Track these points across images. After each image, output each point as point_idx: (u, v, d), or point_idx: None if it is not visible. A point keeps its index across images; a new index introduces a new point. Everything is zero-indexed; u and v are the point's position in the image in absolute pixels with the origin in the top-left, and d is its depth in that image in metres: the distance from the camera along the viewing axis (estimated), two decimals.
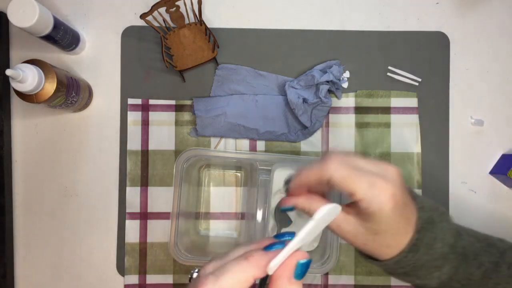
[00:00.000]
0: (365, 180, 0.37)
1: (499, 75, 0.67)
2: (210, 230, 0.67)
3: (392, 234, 0.40)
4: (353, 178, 0.37)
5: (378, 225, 0.39)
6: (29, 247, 0.66)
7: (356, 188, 0.37)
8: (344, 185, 0.38)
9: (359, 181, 0.37)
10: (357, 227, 0.40)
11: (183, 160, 0.59)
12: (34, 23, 0.53)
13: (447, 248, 0.41)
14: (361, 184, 0.37)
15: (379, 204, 0.37)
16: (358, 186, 0.37)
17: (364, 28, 0.67)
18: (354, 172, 0.38)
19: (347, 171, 0.37)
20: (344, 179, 0.37)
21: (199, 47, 0.64)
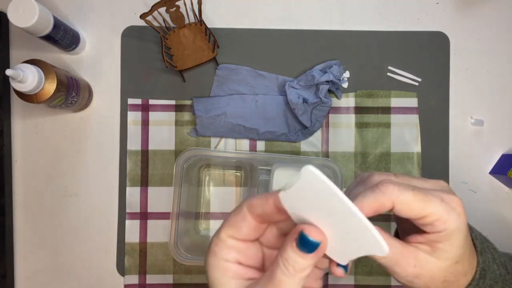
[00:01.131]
0: (434, 198, 0.32)
1: (499, 75, 0.67)
2: (210, 230, 0.67)
3: (468, 256, 0.35)
4: (422, 199, 0.32)
5: (457, 248, 0.33)
6: (29, 247, 0.66)
7: (429, 208, 0.32)
8: (413, 208, 0.32)
9: (429, 201, 0.32)
10: (435, 262, 0.33)
11: (183, 160, 0.59)
12: (34, 23, 0.53)
13: (503, 269, 0.38)
14: (432, 202, 0.32)
15: (457, 218, 0.32)
16: (430, 205, 0.32)
17: (364, 28, 0.67)
18: (419, 193, 0.32)
19: (411, 194, 0.32)
20: (413, 202, 0.32)
21: (199, 47, 0.64)
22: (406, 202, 0.32)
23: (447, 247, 0.33)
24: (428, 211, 0.32)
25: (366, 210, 0.32)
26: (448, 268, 0.34)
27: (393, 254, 0.33)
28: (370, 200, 0.32)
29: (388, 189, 0.32)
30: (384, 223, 0.65)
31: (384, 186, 0.32)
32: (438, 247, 0.33)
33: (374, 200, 0.32)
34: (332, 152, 0.66)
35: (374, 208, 0.32)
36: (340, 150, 0.66)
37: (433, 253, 0.33)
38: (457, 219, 0.32)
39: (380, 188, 0.32)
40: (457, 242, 0.33)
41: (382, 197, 0.32)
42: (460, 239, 0.33)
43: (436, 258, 0.33)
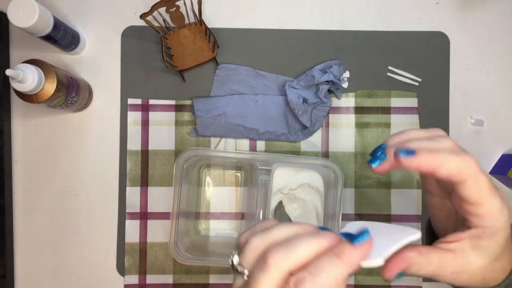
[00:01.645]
0: (498, 193, 0.33)
1: (499, 75, 0.67)
2: (210, 230, 0.67)
3: (507, 253, 0.35)
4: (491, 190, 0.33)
5: (498, 246, 0.34)
6: (29, 247, 0.66)
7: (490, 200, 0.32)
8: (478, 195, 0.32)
9: (495, 195, 0.33)
10: (476, 260, 0.34)
11: (183, 160, 0.59)
12: (34, 23, 0.53)
13: None
14: (496, 198, 0.33)
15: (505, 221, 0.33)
16: (493, 200, 0.32)
17: (364, 28, 0.67)
18: (491, 183, 0.33)
19: (487, 180, 0.33)
20: (481, 188, 0.32)
21: (199, 47, 0.64)
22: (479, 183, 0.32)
23: (490, 244, 0.33)
24: (488, 202, 0.32)
25: (447, 167, 0.32)
26: (487, 266, 0.34)
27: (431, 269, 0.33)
28: (457, 161, 0.32)
29: (471, 162, 0.32)
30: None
31: (469, 157, 0.33)
32: (480, 244, 0.34)
33: (459, 162, 0.32)
34: (332, 152, 0.66)
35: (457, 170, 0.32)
36: (340, 150, 0.66)
37: (473, 251, 0.34)
38: (506, 220, 0.33)
39: (464, 157, 0.32)
40: (500, 241, 0.33)
41: (463, 165, 0.32)
42: (503, 238, 0.33)
43: (476, 256, 0.34)
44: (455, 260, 0.34)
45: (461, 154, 0.33)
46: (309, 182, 0.65)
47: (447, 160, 0.32)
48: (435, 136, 0.34)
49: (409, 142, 0.34)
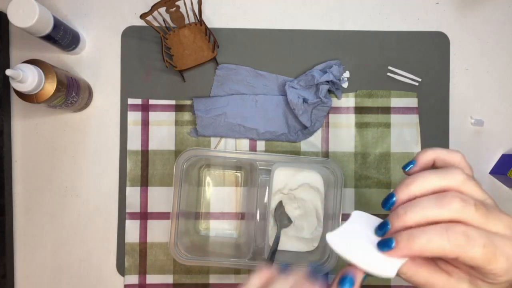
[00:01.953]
0: (501, 254, 0.31)
1: (499, 75, 0.67)
2: (210, 230, 0.67)
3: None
4: (489, 256, 0.31)
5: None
6: (29, 247, 0.66)
7: (492, 265, 0.31)
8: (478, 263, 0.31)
9: (496, 258, 0.31)
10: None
11: (183, 160, 0.59)
12: (34, 23, 0.53)
13: None
14: (498, 261, 0.31)
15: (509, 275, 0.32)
16: (494, 263, 0.31)
17: (364, 28, 0.67)
18: (488, 249, 0.30)
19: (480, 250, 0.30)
20: (478, 260, 0.31)
21: (199, 47, 0.64)
22: (472, 258, 0.30)
23: (485, 286, 0.33)
24: (491, 268, 0.31)
25: (427, 252, 0.31)
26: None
27: (419, 280, 0.33)
28: (433, 248, 0.31)
29: (459, 242, 0.30)
30: None
31: (456, 235, 0.30)
32: (477, 284, 0.33)
33: (437, 249, 0.30)
34: (332, 152, 0.66)
35: (436, 254, 0.31)
36: (340, 150, 0.66)
37: (469, 284, 0.33)
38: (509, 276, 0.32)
39: (450, 237, 0.30)
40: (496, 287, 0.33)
41: (448, 248, 0.30)
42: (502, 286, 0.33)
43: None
44: (446, 282, 0.33)
45: (449, 232, 0.30)
46: (309, 182, 0.65)
47: (427, 246, 0.31)
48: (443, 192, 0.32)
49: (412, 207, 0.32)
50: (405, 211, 0.32)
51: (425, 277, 0.33)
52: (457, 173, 0.33)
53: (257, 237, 0.60)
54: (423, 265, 0.33)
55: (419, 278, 0.33)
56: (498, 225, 0.32)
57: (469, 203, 0.31)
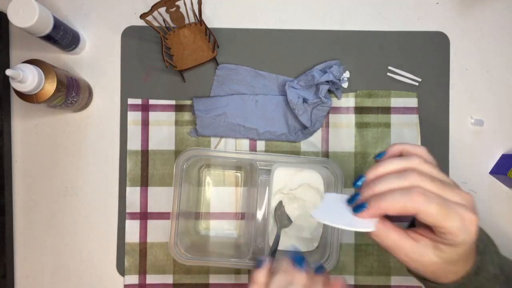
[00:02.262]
0: (454, 214, 0.36)
1: (499, 75, 0.67)
2: (210, 230, 0.67)
3: (463, 262, 0.40)
4: (444, 215, 0.36)
5: (456, 255, 0.38)
6: (29, 247, 0.66)
7: (446, 223, 0.36)
8: (434, 221, 0.37)
9: (450, 217, 0.36)
10: (430, 257, 0.39)
11: (183, 160, 0.59)
12: (34, 23, 0.53)
13: (498, 270, 0.43)
14: (452, 220, 0.36)
15: (466, 236, 0.37)
16: (448, 221, 0.36)
17: (364, 28, 0.67)
18: (443, 207, 0.36)
19: (436, 206, 0.36)
20: (434, 216, 0.36)
21: (199, 47, 0.64)
22: (430, 213, 0.36)
23: (448, 251, 0.38)
24: (446, 225, 0.36)
25: (392, 210, 0.37)
26: (440, 266, 0.39)
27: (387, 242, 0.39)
28: (399, 204, 0.37)
29: (417, 199, 0.36)
30: None
31: (414, 194, 0.36)
32: (439, 247, 0.38)
33: (402, 206, 0.37)
34: (332, 152, 0.66)
35: (401, 211, 0.37)
36: (340, 150, 0.66)
37: (433, 249, 0.39)
38: (467, 237, 0.37)
39: (410, 195, 0.36)
40: (459, 251, 0.38)
41: (409, 203, 0.36)
42: (463, 250, 0.38)
43: (432, 254, 0.38)
44: (413, 247, 0.39)
45: (409, 193, 0.37)
46: (309, 182, 0.65)
47: (391, 206, 0.37)
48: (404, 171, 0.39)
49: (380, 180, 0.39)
50: (373, 184, 0.39)
51: (395, 240, 0.39)
52: (416, 158, 0.39)
53: (257, 237, 0.60)
54: (394, 230, 0.39)
55: (390, 240, 0.39)
56: (454, 196, 0.38)
57: (426, 176, 0.38)
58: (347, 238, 0.66)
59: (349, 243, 0.65)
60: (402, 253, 0.39)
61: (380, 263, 0.65)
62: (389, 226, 0.39)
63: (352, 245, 0.65)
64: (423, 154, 0.41)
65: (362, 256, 0.65)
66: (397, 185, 0.38)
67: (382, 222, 0.39)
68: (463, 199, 0.38)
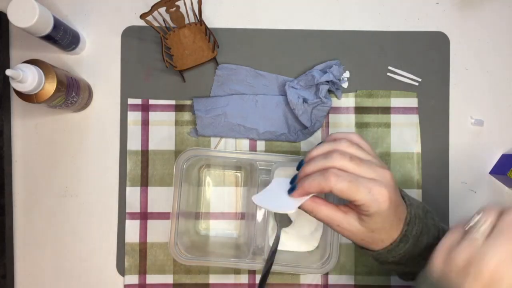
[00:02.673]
0: (363, 188, 0.43)
1: (499, 75, 0.67)
2: (210, 230, 0.67)
3: (386, 230, 0.46)
4: (352, 190, 0.43)
5: (375, 224, 0.45)
6: (29, 247, 0.66)
7: (356, 196, 0.43)
8: (345, 195, 0.44)
9: (358, 191, 0.43)
10: (356, 226, 0.46)
11: (183, 160, 0.59)
12: (34, 23, 0.53)
13: (432, 240, 0.49)
14: (360, 192, 0.43)
15: (377, 206, 0.44)
16: (358, 194, 0.43)
17: (364, 28, 0.67)
18: (352, 183, 0.43)
19: (346, 183, 0.43)
20: (345, 191, 0.43)
21: (199, 47, 0.64)
22: (340, 190, 0.43)
23: (367, 220, 0.45)
24: (357, 198, 0.43)
25: (312, 189, 0.45)
26: (365, 233, 0.46)
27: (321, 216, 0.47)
28: (316, 184, 0.45)
29: (330, 178, 0.43)
30: None
31: (328, 175, 0.44)
32: (361, 218, 0.46)
33: (318, 185, 0.44)
34: None
35: (319, 189, 0.45)
36: None
37: (358, 219, 0.46)
38: (377, 207, 0.44)
39: (324, 176, 0.44)
40: (375, 220, 0.45)
41: (324, 183, 0.44)
42: (378, 218, 0.45)
43: (357, 223, 0.46)
44: (342, 218, 0.46)
45: (324, 174, 0.44)
46: None
47: (311, 186, 0.45)
48: (328, 153, 0.46)
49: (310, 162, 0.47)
50: (305, 165, 0.47)
51: (326, 214, 0.46)
52: (344, 142, 0.46)
53: (257, 237, 0.60)
54: (324, 205, 0.47)
55: (323, 214, 0.47)
56: (370, 173, 0.44)
57: (345, 156, 0.45)
58: (347, 238, 0.65)
59: (349, 243, 0.65)
60: (335, 224, 0.47)
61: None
62: (320, 202, 0.47)
63: (352, 245, 0.65)
64: (353, 138, 0.48)
65: (362, 256, 0.65)
66: (322, 166, 0.45)
67: (313, 199, 0.47)
68: (378, 176, 0.44)
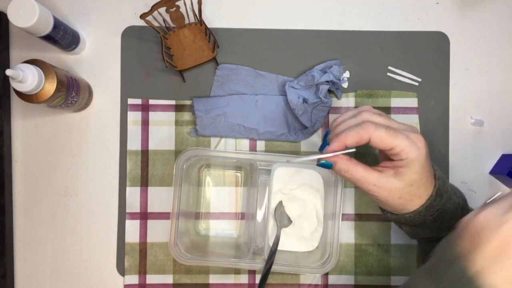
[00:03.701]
0: (401, 134, 0.45)
1: (499, 75, 0.67)
2: (210, 230, 0.67)
3: (423, 183, 0.47)
4: (391, 135, 0.44)
5: (414, 174, 0.45)
6: (29, 247, 0.66)
7: (396, 142, 0.44)
8: (385, 143, 0.45)
9: (397, 136, 0.45)
10: (394, 182, 0.46)
11: (183, 160, 0.59)
12: (34, 23, 0.53)
13: (462, 201, 0.51)
14: (399, 138, 0.45)
15: (416, 151, 0.45)
16: (396, 139, 0.44)
17: (364, 28, 0.67)
18: (390, 131, 0.45)
19: (384, 130, 0.45)
20: (384, 138, 0.45)
21: (199, 47, 0.64)
22: (380, 136, 0.45)
23: (406, 171, 0.45)
24: (395, 144, 0.44)
25: (350, 140, 0.46)
26: (404, 188, 0.46)
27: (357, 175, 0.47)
28: (354, 133, 0.46)
29: (368, 127, 0.45)
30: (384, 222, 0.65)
31: (365, 124, 0.45)
32: (399, 171, 0.46)
33: (357, 134, 0.45)
34: None
35: (357, 139, 0.46)
36: None
37: (395, 175, 0.46)
38: (417, 151, 0.45)
39: (362, 126, 0.45)
40: (414, 169, 0.45)
41: (362, 131, 0.45)
42: (417, 167, 0.45)
43: (395, 179, 0.46)
44: (378, 177, 0.46)
45: (361, 124, 0.45)
46: (309, 182, 0.65)
47: (349, 136, 0.46)
48: (357, 113, 0.48)
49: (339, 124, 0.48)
50: (336, 126, 0.48)
51: (362, 173, 0.47)
52: (366, 107, 0.49)
53: (257, 237, 0.60)
54: (360, 165, 0.47)
55: (358, 173, 0.47)
56: (400, 126, 0.47)
57: (375, 114, 0.47)
58: (347, 238, 0.66)
59: (349, 243, 0.65)
60: (371, 184, 0.47)
61: (380, 263, 0.65)
62: (355, 162, 0.48)
63: (352, 245, 0.66)
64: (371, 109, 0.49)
65: (362, 256, 0.65)
66: (353, 123, 0.47)
67: (349, 159, 0.48)
68: (407, 127, 0.47)
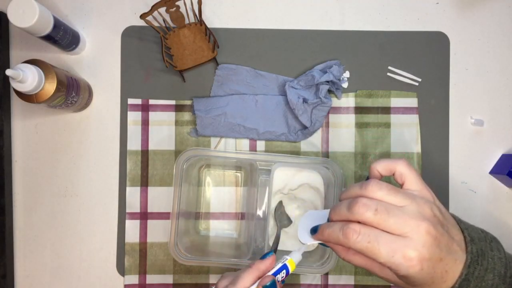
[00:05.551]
0: (385, 250, 0.38)
1: (499, 75, 0.67)
2: (210, 230, 0.67)
3: (429, 285, 0.40)
4: (373, 250, 0.38)
5: (414, 281, 0.39)
6: (29, 247, 0.66)
7: (379, 259, 0.38)
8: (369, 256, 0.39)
9: (380, 252, 0.38)
10: (394, 278, 0.41)
11: (183, 160, 0.59)
12: (34, 23, 0.53)
13: (498, 279, 0.41)
14: (382, 255, 0.38)
15: (405, 270, 0.38)
16: (379, 257, 0.38)
17: (364, 28, 0.67)
18: (372, 245, 0.38)
19: (365, 244, 0.38)
20: (364, 252, 0.38)
21: (199, 47, 0.64)
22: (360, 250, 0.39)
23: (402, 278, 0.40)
24: (379, 261, 0.38)
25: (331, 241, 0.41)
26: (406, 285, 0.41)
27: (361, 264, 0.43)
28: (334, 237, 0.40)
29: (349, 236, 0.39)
30: None
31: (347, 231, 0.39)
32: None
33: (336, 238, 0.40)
34: (332, 152, 0.66)
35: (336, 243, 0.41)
36: (340, 150, 0.66)
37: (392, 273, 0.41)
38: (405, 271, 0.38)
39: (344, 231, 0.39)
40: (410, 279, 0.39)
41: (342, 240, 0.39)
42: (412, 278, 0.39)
43: (394, 276, 0.41)
44: (379, 268, 0.43)
45: (345, 227, 0.39)
46: (309, 182, 0.65)
47: (331, 236, 0.40)
48: (353, 201, 0.40)
49: (334, 207, 0.42)
50: (332, 211, 0.42)
51: (363, 263, 0.43)
52: (373, 183, 0.40)
53: (257, 237, 0.60)
54: (357, 255, 0.43)
55: (359, 263, 0.43)
56: (397, 227, 0.38)
57: (370, 207, 0.38)
58: None
59: None
60: (375, 271, 0.43)
61: None
62: (351, 252, 0.43)
63: None
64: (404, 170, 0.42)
65: None
66: (343, 217, 0.40)
67: (346, 251, 0.43)
68: (409, 231, 0.38)
